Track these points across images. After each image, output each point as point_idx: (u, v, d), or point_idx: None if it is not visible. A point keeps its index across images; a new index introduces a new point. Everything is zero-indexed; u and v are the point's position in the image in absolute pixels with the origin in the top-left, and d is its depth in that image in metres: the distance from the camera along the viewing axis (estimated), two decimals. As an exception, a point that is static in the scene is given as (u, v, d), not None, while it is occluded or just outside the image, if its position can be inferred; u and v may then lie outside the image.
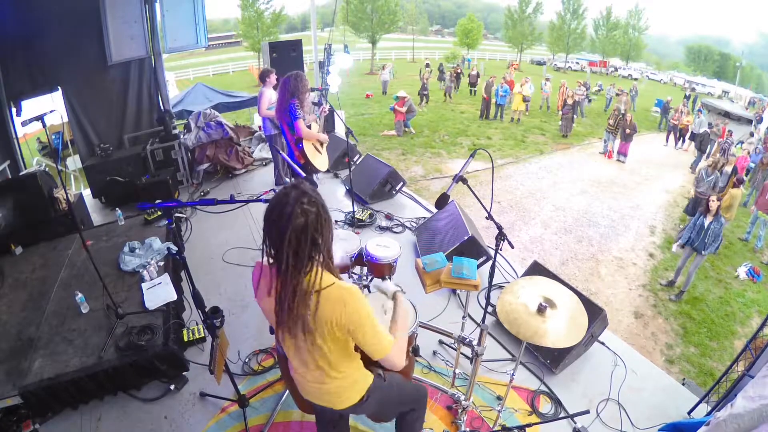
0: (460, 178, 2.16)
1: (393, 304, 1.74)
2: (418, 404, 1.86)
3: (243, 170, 6.21)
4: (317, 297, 1.30)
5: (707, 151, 12.22)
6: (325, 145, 4.05)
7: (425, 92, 16.70)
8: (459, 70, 20.49)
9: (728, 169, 7.62)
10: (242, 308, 3.43)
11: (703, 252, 5.34)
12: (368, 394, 1.58)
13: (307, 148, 3.72)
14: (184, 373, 2.76)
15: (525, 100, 14.69)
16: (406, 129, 12.61)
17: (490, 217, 2.06)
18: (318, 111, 4.14)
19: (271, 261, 1.32)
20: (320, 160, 3.90)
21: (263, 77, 5.17)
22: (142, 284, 3.13)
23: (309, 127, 3.78)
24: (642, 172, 10.89)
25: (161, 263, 3.39)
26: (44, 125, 2.48)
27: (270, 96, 5.10)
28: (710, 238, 5.20)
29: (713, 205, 5.13)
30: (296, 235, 1.24)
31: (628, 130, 11.14)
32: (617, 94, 17.48)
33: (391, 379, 1.69)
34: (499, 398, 2.64)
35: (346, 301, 1.32)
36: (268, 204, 1.29)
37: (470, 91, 19.65)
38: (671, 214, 8.59)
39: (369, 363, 1.59)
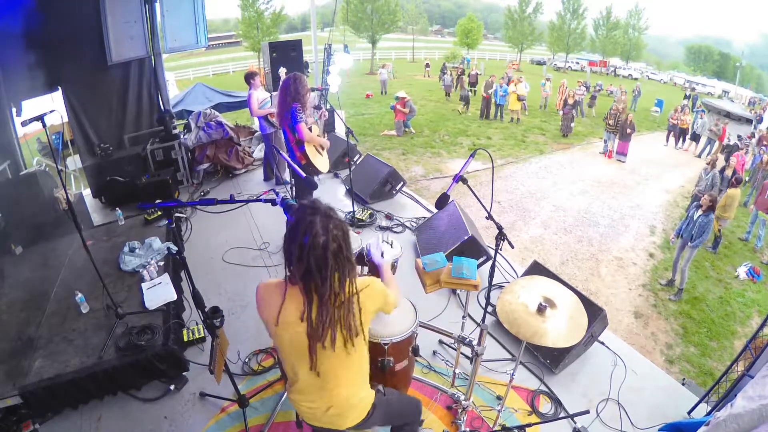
0: (460, 178, 2.17)
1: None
2: (413, 417, 1.88)
3: (243, 170, 6.21)
4: (358, 300, 1.40)
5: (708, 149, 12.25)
6: (326, 149, 4.06)
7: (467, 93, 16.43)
8: (460, 71, 20.49)
9: (728, 172, 7.64)
10: (242, 308, 3.43)
11: (690, 243, 5.47)
12: (372, 410, 1.60)
13: (309, 149, 3.72)
14: (184, 373, 2.76)
15: (519, 99, 14.68)
16: (406, 129, 12.61)
17: (490, 217, 2.06)
18: (317, 115, 4.14)
19: (301, 285, 1.36)
20: (321, 161, 3.90)
21: (248, 79, 5.24)
22: (142, 284, 3.13)
23: (310, 129, 3.78)
24: (642, 172, 10.89)
25: (161, 263, 3.40)
26: (44, 125, 2.48)
27: (258, 96, 5.13)
28: (696, 230, 5.36)
29: (704, 201, 5.30)
30: (335, 260, 1.32)
31: (627, 130, 11.15)
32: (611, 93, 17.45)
33: (389, 393, 1.73)
34: (499, 398, 2.64)
35: (374, 290, 1.48)
36: (292, 230, 1.34)
37: (470, 90, 19.63)
38: (671, 214, 8.59)
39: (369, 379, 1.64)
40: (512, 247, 2.07)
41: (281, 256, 4.08)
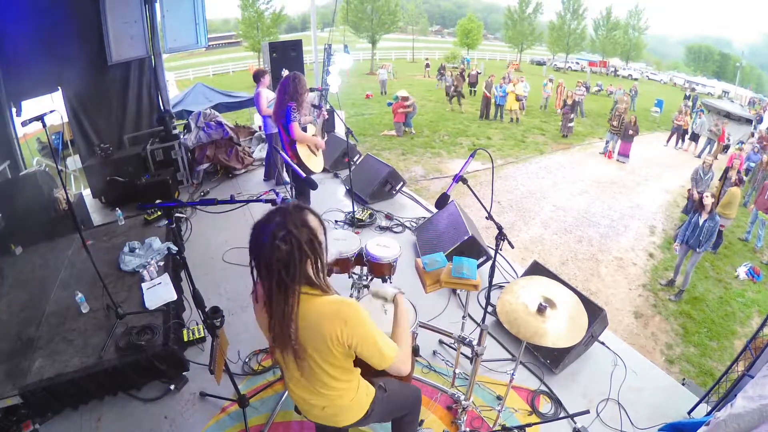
0: (460, 178, 2.17)
1: (393, 306, 1.72)
2: (414, 408, 1.86)
3: (243, 170, 6.21)
4: (299, 320, 1.29)
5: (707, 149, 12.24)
6: (320, 149, 4.05)
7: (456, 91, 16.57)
8: (461, 71, 20.47)
9: (731, 173, 7.63)
10: (242, 308, 3.42)
11: (698, 249, 5.30)
12: (372, 408, 1.56)
13: (301, 149, 3.72)
14: (184, 373, 2.76)
15: (518, 99, 14.68)
16: (407, 128, 12.61)
17: (490, 217, 2.06)
18: (316, 114, 4.14)
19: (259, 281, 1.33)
20: (315, 161, 3.90)
21: (257, 78, 5.21)
22: (142, 284, 3.13)
23: (305, 129, 3.77)
24: (642, 172, 10.89)
25: (161, 263, 3.39)
26: (44, 125, 2.48)
27: (267, 95, 5.11)
28: (705, 236, 5.17)
29: (707, 201, 5.09)
30: (276, 266, 1.24)
31: (630, 131, 11.16)
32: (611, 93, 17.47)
33: (391, 388, 1.67)
34: (499, 398, 2.64)
35: (347, 317, 1.29)
36: (253, 225, 1.30)
37: (470, 91, 19.65)
38: (671, 214, 8.59)
39: (369, 374, 1.57)
40: (512, 247, 2.07)
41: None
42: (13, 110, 4.91)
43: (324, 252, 1.35)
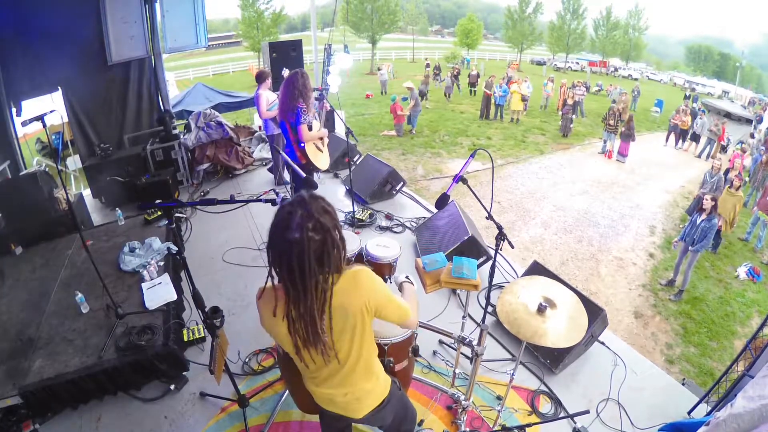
0: (460, 178, 2.17)
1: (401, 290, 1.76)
2: (412, 424, 1.85)
3: (243, 170, 6.21)
4: (331, 299, 1.28)
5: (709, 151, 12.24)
6: (326, 143, 4.04)
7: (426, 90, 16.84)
8: (457, 71, 20.50)
9: (732, 174, 7.65)
10: (242, 308, 3.43)
11: (691, 247, 5.41)
12: (387, 399, 1.56)
13: (309, 147, 3.71)
14: (184, 373, 2.76)
15: (523, 99, 14.69)
16: (411, 127, 12.63)
17: (490, 217, 2.06)
18: (318, 107, 4.11)
19: (277, 282, 1.27)
20: (321, 159, 3.89)
21: (260, 79, 5.16)
22: (142, 284, 3.13)
23: (310, 128, 3.77)
24: (642, 172, 10.88)
25: (161, 263, 3.39)
26: (44, 125, 2.48)
27: (267, 97, 5.09)
28: (699, 234, 5.28)
29: (706, 204, 5.20)
30: (309, 258, 1.18)
31: (625, 130, 11.16)
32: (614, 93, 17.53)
33: (402, 391, 1.69)
34: (499, 398, 2.64)
35: (365, 284, 1.32)
36: (272, 224, 1.22)
37: (470, 91, 19.65)
38: (671, 214, 8.59)
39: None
40: (512, 247, 2.07)
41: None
42: (13, 110, 4.91)
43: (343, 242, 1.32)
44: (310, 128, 3.69)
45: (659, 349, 4.90)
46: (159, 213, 4.03)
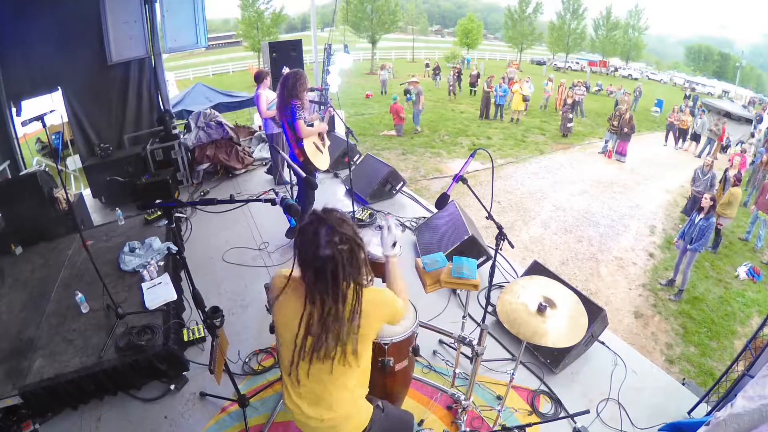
0: (460, 178, 2.16)
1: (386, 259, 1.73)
2: None
3: (243, 170, 6.21)
4: (360, 314, 1.36)
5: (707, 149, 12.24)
6: (326, 145, 4.04)
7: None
8: (459, 70, 20.51)
9: (731, 172, 7.63)
10: (242, 308, 3.43)
11: (688, 246, 5.44)
12: (370, 426, 1.55)
13: (308, 146, 3.70)
14: (184, 373, 2.76)
15: (525, 99, 14.69)
16: (416, 125, 12.69)
17: (490, 217, 2.06)
18: (322, 112, 4.13)
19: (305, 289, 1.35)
20: (321, 159, 3.88)
21: (258, 79, 5.18)
22: (142, 284, 3.13)
23: (311, 126, 3.76)
24: (642, 172, 10.88)
25: (161, 263, 3.39)
26: (44, 125, 2.49)
27: (267, 96, 5.10)
28: (696, 233, 5.30)
29: (704, 203, 5.23)
30: (337, 274, 1.29)
31: (626, 129, 11.15)
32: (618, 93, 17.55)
33: (388, 409, 1.66)
34: (499, 398, 2.64)
35: (385, 302, 1.46)
36: (298, 239, 1.32)
37: (470, 91, 19.66)
38: (671, 214, 8.59)
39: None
40: (512, 247, 2.07)
41: (281, 256, 4.10)
42: (13, 110, 4.91)
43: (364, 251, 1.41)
44: (309, 126, 3.69)
45: (659, 349, 4.90)
46: (159, 213, 4.03)
